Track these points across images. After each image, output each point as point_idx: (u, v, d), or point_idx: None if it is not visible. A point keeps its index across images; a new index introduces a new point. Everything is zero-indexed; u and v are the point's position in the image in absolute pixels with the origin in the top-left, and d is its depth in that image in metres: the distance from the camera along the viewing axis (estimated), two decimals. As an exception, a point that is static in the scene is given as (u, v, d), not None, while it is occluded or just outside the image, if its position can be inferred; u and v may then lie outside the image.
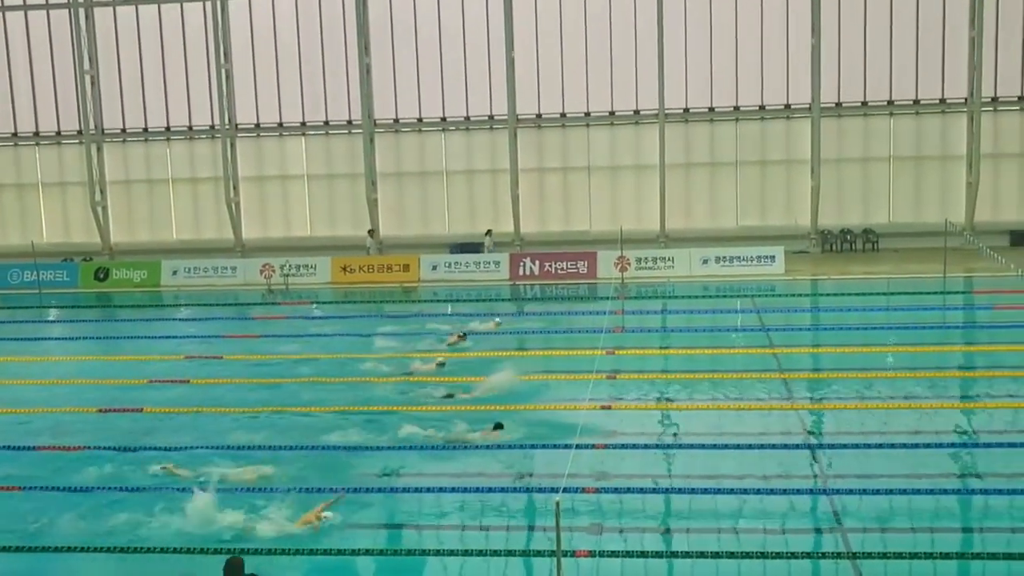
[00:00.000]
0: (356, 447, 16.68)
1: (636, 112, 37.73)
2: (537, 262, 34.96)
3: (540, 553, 12.62)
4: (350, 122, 38.98)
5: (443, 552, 12.74)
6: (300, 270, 35.40)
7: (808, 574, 12.31)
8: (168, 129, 40.18)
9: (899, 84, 36.42)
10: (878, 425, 17.40)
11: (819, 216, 36.70)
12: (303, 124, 39.44)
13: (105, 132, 40.31)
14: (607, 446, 16.16)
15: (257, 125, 39.69)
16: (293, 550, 12.39)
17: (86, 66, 39.62)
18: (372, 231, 37.55)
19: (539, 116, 38.10)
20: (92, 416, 19.09)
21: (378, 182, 38.90)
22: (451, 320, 27.34)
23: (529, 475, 15.52)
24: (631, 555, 12.50)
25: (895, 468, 15.05)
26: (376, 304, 32.68)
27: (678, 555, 12.67)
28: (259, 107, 39.48)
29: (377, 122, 38.74)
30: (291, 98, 39.28)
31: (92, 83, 39.90)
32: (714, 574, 12.23)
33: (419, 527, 13.54)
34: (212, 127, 39.66)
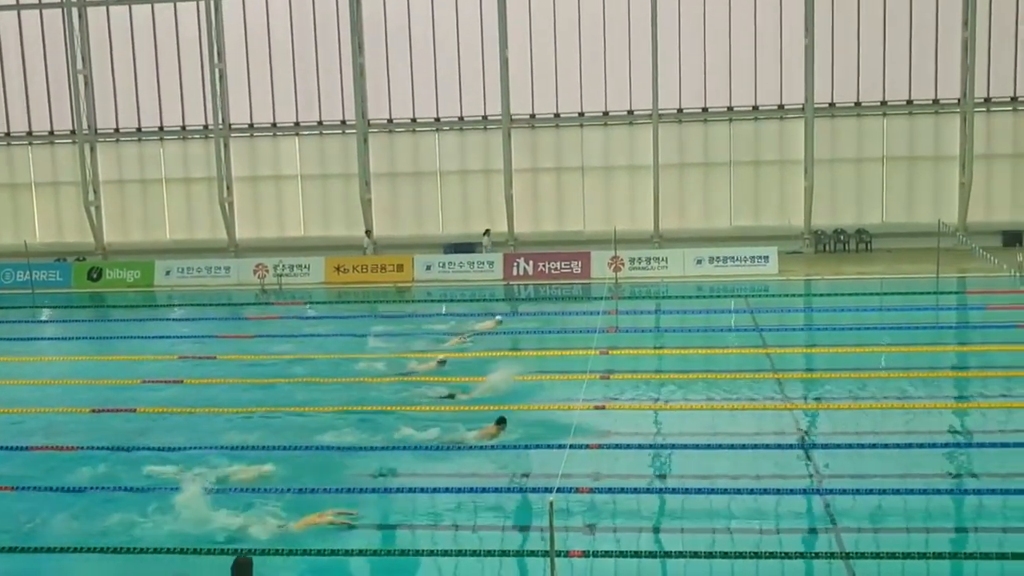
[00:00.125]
0: (350, 447, 16.65)
1: (630, 112, 37.76)
2: (531, 262, 34.95)
3: (534, 553, 12.62)
4: (344, 122, 38.98)
5: (437, 552, 12.73)
6: (294, 270, 35.39)
7: (802, 574, 12.32)
8: (162, 129, 40.16)
9: (892, 85, 36.53)
10: (871, 425, 17.43)
11: (812, 216, 36.77)
12: (297, 124, 39.42)
13: (98, 132, 40.27)
14: (601, 446, 16.17)
15: (251, 125, 39.67)
16: (286, 550, 12.37)
17: (79, 66, 39.60)
18: (369, 231, 37.53)
19: (533, 116, 38.13)
20: (85, 416, 19.03)
21: (372, 182, 38.89)
22: (446, 320, 27.32)
23: (523, 475, 15.51)
24: (625, 555, 12.50)
25: (888, 468, 15.08)
26: (370, 304, 32.64)
27: (672, 555, 12.66)
28: (253, 107, 39.47)
29: (371, 122, 38.74)
30: (285, 98, 39.30)
31: (85, 83, 39.87)
32: (708, 574, 12.24)
33: (413, 527, 13.52)
34: (206, 127, 39.64)
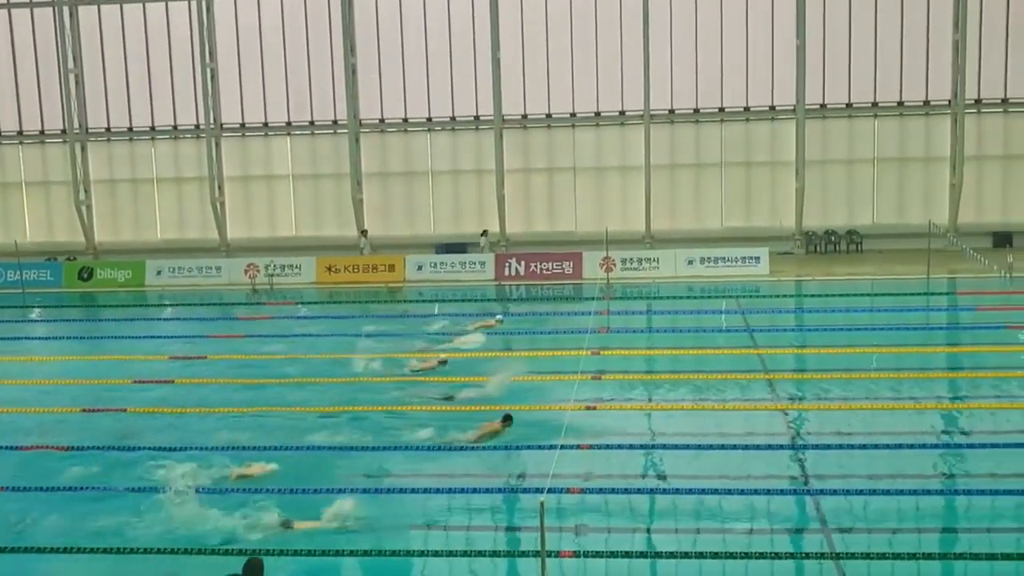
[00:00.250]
0: (342, 447, 16.66)
1: (622, 113, 37.77)
2: (523, 262, 34.96)
3: (525, 554, 12.63)
4: (335, 122, 38.93)
5: (427, 553, 12.74)
6: (285, 270, 35.34)
7: (792, 574, 12.35)
8: (153, 128, 40.06)
9: (883, 86, 36.57)
10: (862, 426, 17.47)
11: (803, 217, 36.80)
12: (288, 124, 39.36)
13: (89, 131, 40.16)
14: (592, 447, 16.19)
15: (242, 125, 39.60)
16: (276, 551, 12.37)
17: (70, 65, 39.47)
18: (365, 231, 37.44)
19: (525, 116, 38.12)
20: (76, 416, 19.02)
21: (363, 182, 38.85)
22: (440, 320, 27.31)
23: (514, 476, 15.52)
24: (615, 555, 12.52)
25: (879, 468, 15.13)
26: (362, 304, 32.61)
27: (662, 555, 12.69)
28: (244, 107, 39.38)
29: (363, 122, 38.69)
30: (276, 98, 39.21)
31: (76, 82, 39.75)
32: (698, 574, 12.27)
33: (404, 528, 13.52)
34: (197, 126, 39.54)
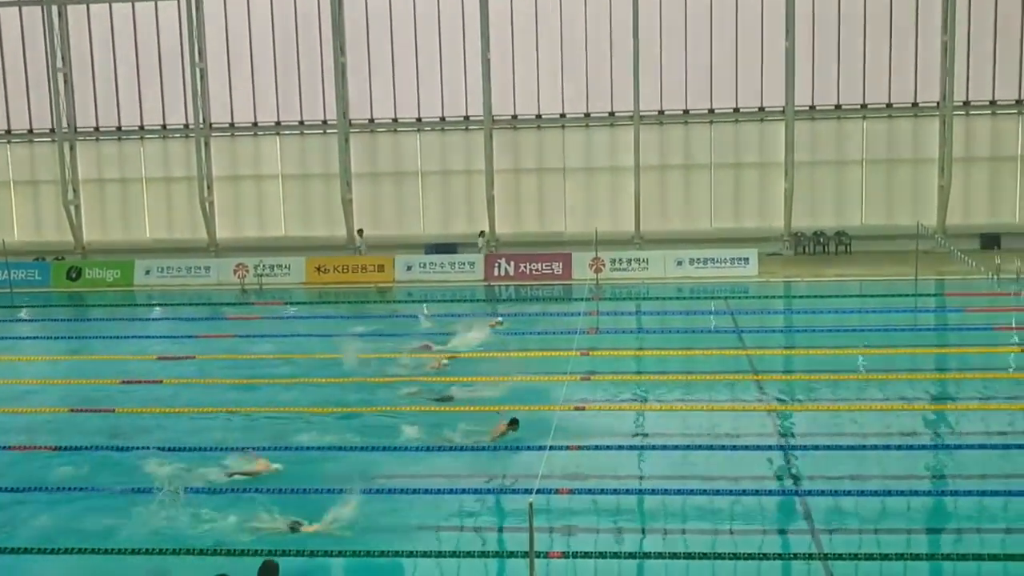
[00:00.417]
0: (331, 447, 16.65)
1: (611, 114, 37.80)
2: (512, 263, 34.97)
3: (514, 554, 12.64)
4: (325, 122, 38.88)
5: (416, 554, 12.72)
6: (274, 270, 35.28)
7: (779, 575, 12.37)
8: (142, 128, 39.96)
9: (872, 88, 36.67)
10: (850, 426, 17.51)
11: (792, 218, 36.89)
12: (278, 124, 39.30)
13: (78, 130, 40.05)
14: (581, 447, 16.20)
15: (231, 124, 39.52)
16: (265, 551, 12.34)
17: (59, 64, 39.35)
18: (361, 231, 37.30)
19: (515, 117, 38.13)
20: (63, 416, 18.98)
21: (353, 182, 38.81)
22: (432, 320, 27.31)
23: (503, 476, 15.52)
24: (604, 556, 12.53)
25: (867, 469, 15.18)
26: (351, 304, 32.56)
27: (651, 556, 12.71)
28: (233, 106, 39.31)
29: (352, 122, 38.66)
30: (266, 98, 39.15)
31: (65, 81, 39.63)
32: (686, 575, 12.29)
33: (393, 528, 13.50)
34: (186, 126, 39.47)
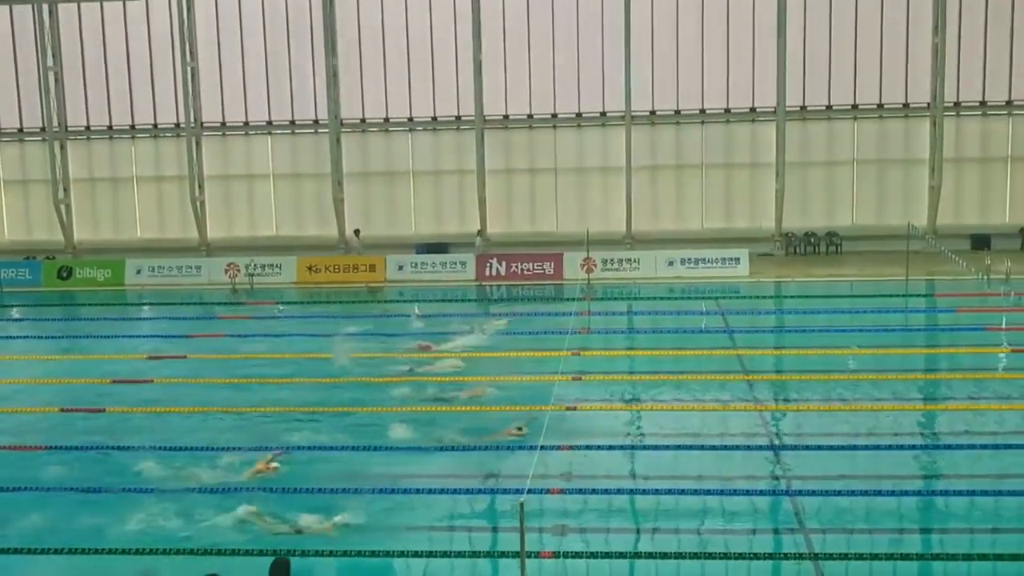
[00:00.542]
0: (322, 447, 16.63)
1: (603, 114, 37.82)
2: (504, 263, 34.96)
3: (505, 554, 12.63)
4: (316, 121, 38.84)
5: (407, 553, 12.72)
6: (265, 270, 35.23)
7: (770, 574, 12.39)
8: (133, 127, 39.88)
9: (863, 88, 36.75)
10: (841, 426, 17.54)
11: (783, 218, 36.95)
12: (269, 123, 39.25)
13: (69, 129, 39.95)
14: (572, 447, 16.20)
15: (223, 124, 39.45)
16: (256, 551, 12.34)
17: (50, 62, 39.25)
18: (357, 231, 37.18)
19: (506, 117, 38.13)
20: (54, 415, 18.93)
21: (344, 182, 38.77)
22: (424, 320, 27.31)
23: (494, 476, 15.52)
24: (595, 556, 12.53)
25: (857, 469, 15.21)
26: (343, 304, 32.52)
27: (642, 556, 12.72)
28: (225, 106, 39.24)
29: (344, 122, 38.62)
30: (257, 97, 39.09)
31: (56, 80, 39.53)
32: (676, 575, 12.30)
33: (383, 528, 13.49)
34: (177, 125, 39.40)
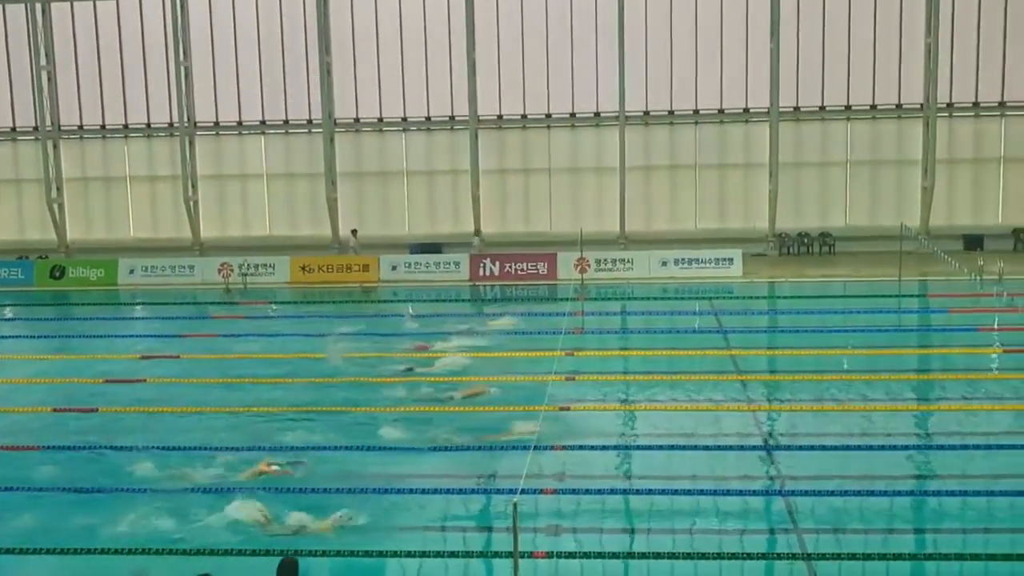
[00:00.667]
0: (315, 447, 16.62)
1: (597, 114, 37.83)
2: (497, 263, 34.96)
3: (498, 554, 12.63)
4: (310, 121, 38.79)
5: (400, 553, 12.71)
6: (259, 269, 35.17)
7: (764, 575, 12.40)
8: (126, 126, 39.81)
9: (856, 89, 36.80)
10: (834, 427, 17.57)
11: (777, 219, 36.98)
12: (263, 123, 39.19)
13: (62, 128, 39.86)
14: (566, 447, 16.21)
15: (216, 123, 39.40)
16: (249, 551, 12.33)
17: (42, 61, 39.16)
18: (355, 231, 37.11)
19: (500, 117, 38.12)
20: (46, 415, 18.91)
21: (338, 182, 38.74)
22: (414, 319, 27.28)
23: (487, 476, 15.52)
24: (588, 556, 12.54)
25: (850, 469, 15.23)
26: (336, 304, 32.47)
27: (635, 556, 12.73)
28: (218, 105, 39.19)
29: (337, 121, 38.58)
30: (251, 97, 39.04)
31: (49, 79, 39.44)
32: (670, 575, 12.31)
33: (376, 528, 13.49)
34: (171, 125, 39.31)
